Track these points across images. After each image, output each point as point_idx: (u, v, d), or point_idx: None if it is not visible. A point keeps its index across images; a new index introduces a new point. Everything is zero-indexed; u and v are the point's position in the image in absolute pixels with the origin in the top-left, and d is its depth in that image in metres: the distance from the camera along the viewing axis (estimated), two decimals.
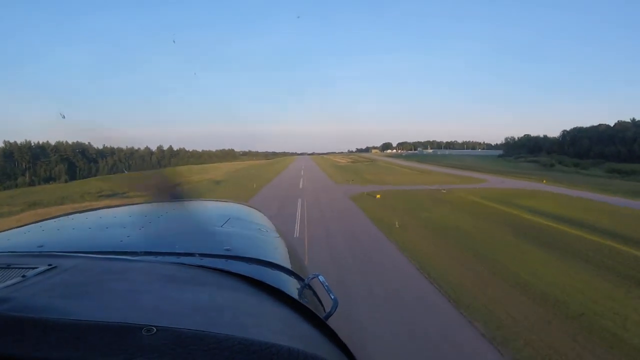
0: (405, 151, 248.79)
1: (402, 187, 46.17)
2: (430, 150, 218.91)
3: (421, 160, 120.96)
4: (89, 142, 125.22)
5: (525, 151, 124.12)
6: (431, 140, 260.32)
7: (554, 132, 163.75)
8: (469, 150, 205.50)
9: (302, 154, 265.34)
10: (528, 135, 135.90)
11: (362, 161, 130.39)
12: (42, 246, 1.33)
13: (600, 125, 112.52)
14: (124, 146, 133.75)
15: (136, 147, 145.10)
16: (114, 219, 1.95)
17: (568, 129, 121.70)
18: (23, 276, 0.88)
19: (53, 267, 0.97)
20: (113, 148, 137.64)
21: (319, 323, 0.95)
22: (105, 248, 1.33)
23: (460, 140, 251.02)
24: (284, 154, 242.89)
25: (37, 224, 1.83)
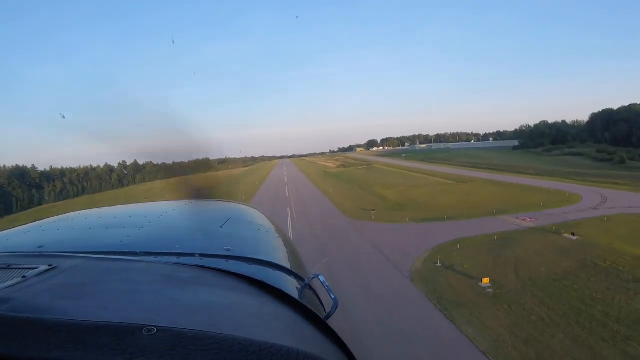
0: (392, 148, 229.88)
1: (480, 227, 24.88)
2: (424, 146, 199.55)
3: (428, 160, 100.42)
4: (32, 165, 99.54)
5: (548, 141, 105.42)
6: (417, 134, 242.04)
7: (557, 117, 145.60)
8: (473, 143, 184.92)
9: (281, 157, 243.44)
10: (545, 121, 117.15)
11: (355, 164, 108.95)
12: (42, 246, 1.32)
13: (633, 105, 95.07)
14: (77, 165, 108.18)
15: (94, 165, 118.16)
16: (113, 219, 1.93)
17: (596, 111, 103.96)
18: (23, 277, 0.89)
19: (53, 268, 0.96)
20: (63, 169, 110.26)
21: (319, 323, 0.93)
22: (105, 248, 1.31)
23: (446, 132, 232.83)
24: (263, 159, 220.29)
25: (36, 223, 1.82)
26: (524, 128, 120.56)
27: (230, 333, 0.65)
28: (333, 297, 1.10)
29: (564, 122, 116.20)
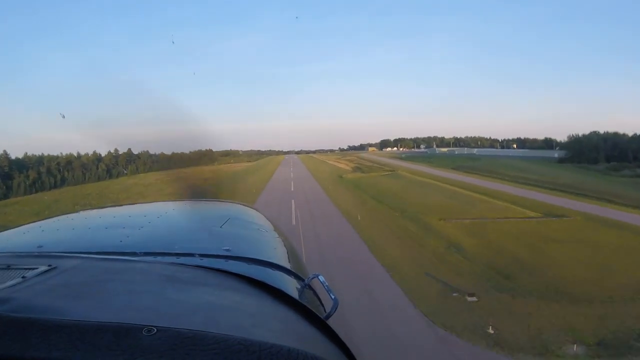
0: (407, 149, 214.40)
1: None
2: (445, 150, 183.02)
3: (460, 168, 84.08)
4: (3, 151, 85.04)
5: (602, 156, 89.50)
6: (432, 135, 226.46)
7: (594, 127, 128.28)
8: (499, 150, 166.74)
9: (288, 152, 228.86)
10: (596, 132, 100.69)
11: (374, 168, 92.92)
12: (41, 246, 1.34)
13: None
14: (58, 152, 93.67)
15: (82, 153, 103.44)
16: (113, 219, 1.94)
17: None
18: (23, 277, 0.89)
19: (53, 268, 0.96)
20: (41, 155, 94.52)
21: (319, 323, 0.95)
22: (105, 248, 1.33)
23: (464, 136, 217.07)
24: (269, 153, 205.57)
25: (36, 223, 1.85)
26: (572, 138, 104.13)
27: (230, 333, 0.65)
28: (333, 297, 1.11)
29: (616, 133, 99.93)
